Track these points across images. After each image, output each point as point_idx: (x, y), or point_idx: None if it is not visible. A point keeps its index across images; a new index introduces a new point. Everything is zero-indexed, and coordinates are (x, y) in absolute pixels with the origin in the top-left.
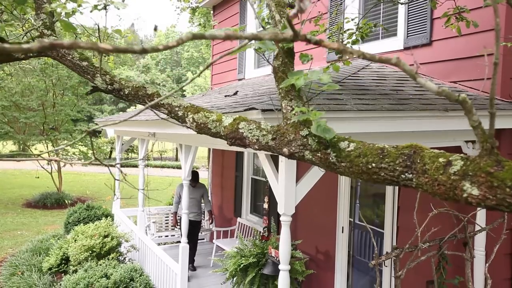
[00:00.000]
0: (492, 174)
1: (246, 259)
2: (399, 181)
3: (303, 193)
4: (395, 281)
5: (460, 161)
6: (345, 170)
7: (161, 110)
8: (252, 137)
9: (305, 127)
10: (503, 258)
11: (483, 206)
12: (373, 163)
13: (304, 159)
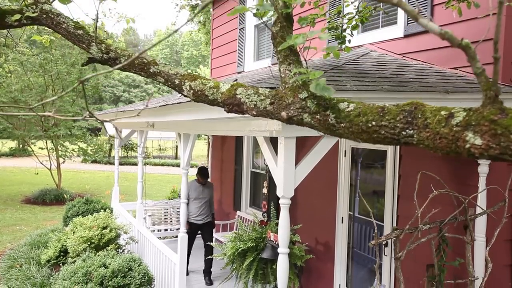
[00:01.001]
0: (495, 122)
1: (245, 243)
2: (399, 138)
3: (302, 176)
4: (395, 263)
5: (462, 112)
6: (345, 131)
7: (157, 79)
8: (250, 103)
9: (304, 89)
10: (504, 244)
11: (486, 156)
12: (373, 122)
13: (302, 123)
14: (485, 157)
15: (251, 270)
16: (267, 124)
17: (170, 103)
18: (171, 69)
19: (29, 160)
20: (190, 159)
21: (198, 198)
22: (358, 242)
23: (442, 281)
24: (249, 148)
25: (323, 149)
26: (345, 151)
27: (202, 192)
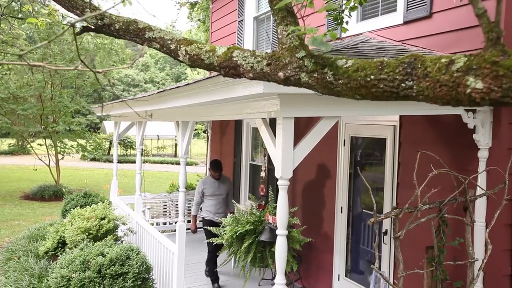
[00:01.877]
0: (497, 64)
1: (243, 226)
2: (398, 91)
3: (301, 158)
4: (394, 242)
5: (463, 58)
6: (343, 87)
7: (153, 45)
8: (247, 65)
9: (302, 49)
10: (504, 228)
11: (487, 101)
12: (372, 75)
13: (300, 83)
14: (486, 102)
15: (249, 253)
16: (265, 105)
17: (168, 88)
18: (167, 34)
19: (28, 158)
20: (188, 147)
21: (214, 195)
22: (357, 236)
23: (441, 262)
24: (248, 140)
25: (322, 131)
26: (344, 140)
27: (218, 188)
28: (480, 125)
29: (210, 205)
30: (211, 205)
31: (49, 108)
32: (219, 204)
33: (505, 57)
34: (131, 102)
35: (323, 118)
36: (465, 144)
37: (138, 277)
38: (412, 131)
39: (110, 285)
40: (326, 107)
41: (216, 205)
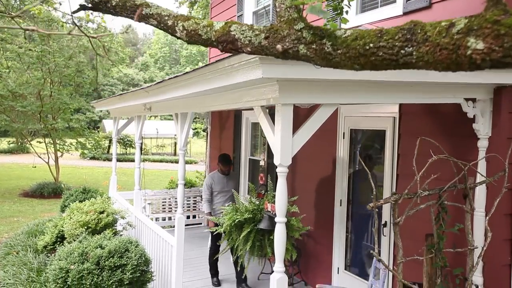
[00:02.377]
0: (499, 22)
1: (242, 215)
2: (398, 58)
3: (299, 145)
4: (394, 228)
5: (463, 20)
6: (341, 57)
7: (150, 22)
8: (244, 39)
9: (300, 20)
10: (504, 218)
11: (488, 62)
12: (371, 44)
13: (298, 55)
14: (486, 64)
15: (248, 242)
16: (264, 92)
17: (167, 79)
18: (164, 10)
19: (27, 157)
20: (187, 139)
21: (223, 191)
22: (356, 232)
23: (441, 249)
24: (247, 135)
25: (321, 118)
26: (344, 133)
27: (226, 184)
28: (480, 115)
29: (217, 202)
30: (218, 203)
31: (48, 106)
32: (227, 201)
33: (507, 16)
34: (130, 95)
35: (322, 106)
36: (464, 134)
37: (137, 269)
38: (412, 122)
39: (109, 277)
40: (325, 94)
41: (224, 203)
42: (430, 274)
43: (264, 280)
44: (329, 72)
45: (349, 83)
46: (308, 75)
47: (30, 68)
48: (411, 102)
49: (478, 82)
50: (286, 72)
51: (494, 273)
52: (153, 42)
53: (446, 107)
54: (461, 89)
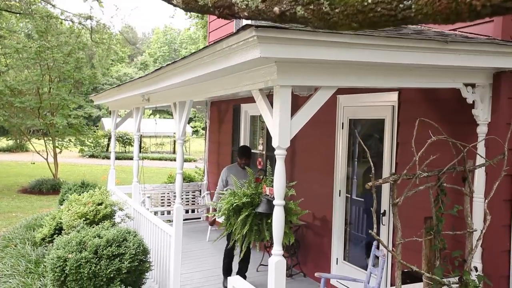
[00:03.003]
0: None
1: (240, 199)
2: (396, 13)
3: (298, 128)
4: (392, 209)
5: None
6: (339, 16)
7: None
8: (241, 3)
9: None
10: (503, 204)
11: (489, 7)
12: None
13: (296, 17)
14: (487, 10)
15: (246, 225)
16: (262, 74)
17: (165, 65)
18: None
19: (26, 155)
20: (185, 129)
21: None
22: (355, 224)
23: (440, 231)
24: (246, 128)
25: (319, 101)
26: (343, 123)
27: (244, 177)
28: (479, 100)
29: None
30: None
31: (46, 101)
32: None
33: None
34: (128, 85)
35: (321, 89)
36: (464, 121)
37: (135, 258)
38: (411, 110)
39: (107, 266)
40: (323, 77)
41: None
42: (429, 257)
43: (263, 271)
44: (328, 52)
45: (348, 66)
46: (306, 55)
47: (28, 63)
48: (411, 87)
49: (477, 66)
50: (284, 52)
51: (493, 259)
52: (152, 41)
53: (445, 94)
54: (460, 74)
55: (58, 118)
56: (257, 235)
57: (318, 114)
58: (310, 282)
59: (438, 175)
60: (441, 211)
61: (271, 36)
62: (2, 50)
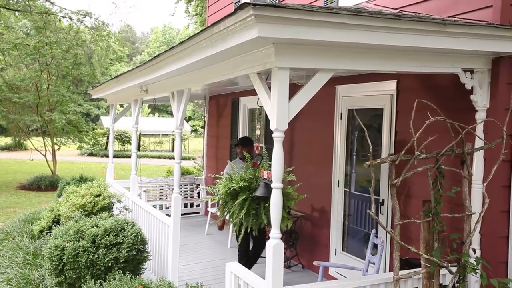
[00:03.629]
0: None
1: (237, 183)
2: None
3: (296, 110)
4: (390, 190)
5: None
6: None
7: None
8: None
9: None
10: (501, 190)
11: None
12: None
13: None
14: None
15: (243, 209)
16: (260, 57)
17: (162, 52)
18: None
19: (25, 153)
20: (183, 118)
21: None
22: (354, 218)
23: (438, 213)
24: (245, 122)
25: (317, 84)
26: (341, 113)
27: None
28: (478, 86)
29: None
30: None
31: (45, 98)
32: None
33: None
34: (127, 75)
35: (319, 72)
36: (462, 108)
37: (133, 247)
38: (410, 98)
39: (105, 255)
40: (321, 59)
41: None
42: (427, 239)
43: (261, 263)
44: (326, 32)
45: (346, 48)
46: (304, 35)
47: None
48: (409, 71)
49: (476, 50)
50: (282, 32)
51: (491, 245)
52: (151, 40)
53: (444, 81)
54: (459, 59)
55: (57, 114)
56: (254, 219)
57: (317, 105)
58: (308, 273)
59: (436, 157)
60: (439, 193)
61: (269, 16)
62: (0, 46)
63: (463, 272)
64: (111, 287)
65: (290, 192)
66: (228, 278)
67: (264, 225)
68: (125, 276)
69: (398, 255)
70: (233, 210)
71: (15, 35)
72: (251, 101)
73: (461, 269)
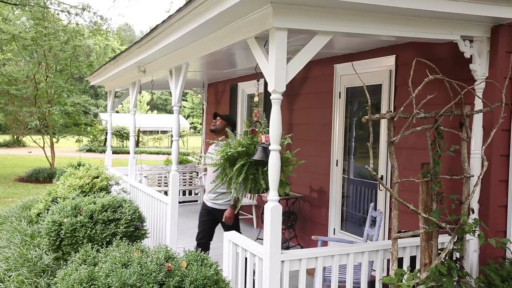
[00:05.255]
0: None
1: (235, 148)
2: None
3: (293, 73)
4: (389, 148)
5: None
6: None
7: None
8: None
9: None
10: (499, 159)
11: None
12: None
13: None
14: None
15: (241, 174)
16: (258, 18)
17: (160, 22)
18: None
19: (23, 149)
20: (181, 95)
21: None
22: (353, 204)
23: (437, 174)
24: (244, 107)
25: (315, 47)
26: (340, 92)
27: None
28: (477, 55)
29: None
30: (208, 181)
31: (43, 89)
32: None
33: None
34: (124, 55)
35: (317, 34)
36: (461, 79)
37: (130, 224)
38: (408, 73)
39: (102, 230)
40: (320, 21)
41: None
42: (426, 201)
43: None
44: None
45: (345, 10)
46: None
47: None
48: (407, 36)
49: (475, 15)
50: None
51: (490, 215)
52: None
53: (443, 53)
54: (458, 25)
55: (55, 105)
56: (253, 184)
57: (316, 86)
58: None
59: (435, 118)
60: (438, 154)
61: None
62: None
63: (461, 233)
64: (108, 251)
65: (288, 157)
66: (227, 247)
67: (263, 190)
68: (123, 242)
69: (397, 213)
70: (231, 175)
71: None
72: (250, 86)
73: (459, 229)
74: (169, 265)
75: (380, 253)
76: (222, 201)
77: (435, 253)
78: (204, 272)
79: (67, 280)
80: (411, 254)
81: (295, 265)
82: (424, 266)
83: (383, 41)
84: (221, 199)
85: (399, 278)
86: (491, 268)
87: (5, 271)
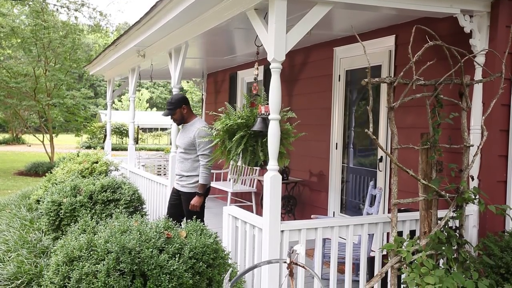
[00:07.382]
0: None
1: (234, 120)
2: None
3: (292, 42)
4: (388, 114)
5: None
6: None
7: None
8: None
9: None
10: (499, 134)
11: None
12: None
13: None
14: None
15: (240, 145)
16: None
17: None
18: None
19: (22, 147)
20: (181, 76)
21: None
22: (352, 193)
23: (436, 142)
24: (243, 99)
25: (314, 18)
26: (339, 75)
27: (180, 136)
28: (477, 30)
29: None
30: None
31: (43, 82)
32: (180, 160)
33: None
34: (124, 39)
35: (317, 4)
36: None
37: (130, 205)
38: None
39: (102, 210)
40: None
41: (179, 162)
42: (425, 171)
43: None
44: None
45: None
46: None
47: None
48: (407, 8)
49: None
50: None
51: (489, 190)
52: None
53: (443, 30)
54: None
55: (55, 98)
56: (252, 156)
57: (315, 70)
58: None
59: (435, 85)
60: (437, 122)
61: None
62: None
63: (461, 200)
64: (108, 223)
65: (289, 129)
66: (226, 221)
67: (261, 163)
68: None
69: (396, 179)
70: (230, 147)
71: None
72: (249, 74)
73: (459, 197)
74: (169, 233)
75: (379, 226)
76: (185, 183)
77: (434, 222)
78: (203, 241)
79: (66, 247)
80: (411, 228)
81: (295, 235)
82: (424, 235)
83: (382, 21)
84: (184, 180)
85: (399, 245)
86: (491, 240)
87: (4, 252)
